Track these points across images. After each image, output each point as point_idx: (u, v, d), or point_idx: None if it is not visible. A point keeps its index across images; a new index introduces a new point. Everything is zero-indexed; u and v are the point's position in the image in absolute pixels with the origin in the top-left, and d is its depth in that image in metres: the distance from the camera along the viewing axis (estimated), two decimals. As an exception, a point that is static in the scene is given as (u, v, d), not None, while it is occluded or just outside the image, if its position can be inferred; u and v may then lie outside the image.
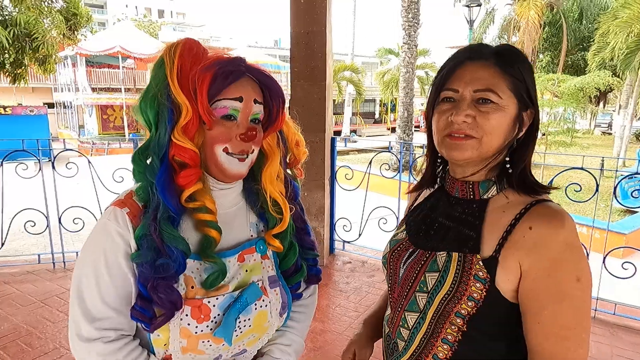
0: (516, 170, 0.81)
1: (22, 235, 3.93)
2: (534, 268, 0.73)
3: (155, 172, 0.78)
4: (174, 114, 0.78)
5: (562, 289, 0.72)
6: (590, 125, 26.62)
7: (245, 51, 21.88)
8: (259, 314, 0.86)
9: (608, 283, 3.04)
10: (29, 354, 2.49)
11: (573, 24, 21.06)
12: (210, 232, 0.82)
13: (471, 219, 0.82)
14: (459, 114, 0.77)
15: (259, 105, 0.85)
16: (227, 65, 0.79)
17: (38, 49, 7.87)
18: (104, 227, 0.79)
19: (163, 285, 0.75)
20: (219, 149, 0.81)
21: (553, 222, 0.73)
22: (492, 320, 0.78)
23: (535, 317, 0.74)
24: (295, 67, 3.66)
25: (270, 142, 0.91)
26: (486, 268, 0.75)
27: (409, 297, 0.84)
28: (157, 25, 37.94)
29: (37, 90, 23.29)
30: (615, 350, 2.66)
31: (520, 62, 0.79)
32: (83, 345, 0.78)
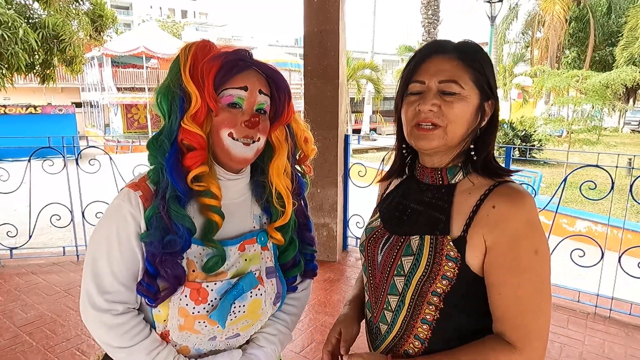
0: (480, 157, 0.87)
1: (50, 229, 4.11)
2: (496, 243, 0.79)
3: (165, 152, 0.84)
4: (184, 102, 0.84)
5: (522, 262, 0.78)
6: (619, 122, 25.75)
7: (266, 50, 22.06)
8: (254, 301, 0.91)
9: (624, 283, 2.99)
10: (52, 339, 2.62)
11: (601, 18, 20.38)
12: (213, 217, 0.87)
13: (440, 202, 0.88)
14: (425, 103, 0.83)
15: (264, 96, 0.90)
16: (233, 55, 0.86)
17: (65, 50, 8.12)
18: (118, 207, 0.85)
19: (170, 260, 0.82)
20: (224, 134, 0.86)
21: (514, 201, 0.79)
22: (466, 296, 0.83)
23: (497, 289, 0.80)
24: (309, 66, 3.71)
25: (279, 136, 0.96)
26: (456, 247, 0.81)
27: (389, 281, 0.89)
28: (180, 25, 38.58)
29: (65, 90, 24.04)
30: (629, 351, 2.62)
31: (480, 57, 0.86)
32: (94, 314, 0.84)
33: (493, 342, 0.80)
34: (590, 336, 2.78)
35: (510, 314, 0.79)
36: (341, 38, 3.64)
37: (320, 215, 3.93)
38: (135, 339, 0.85)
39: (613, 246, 3.28)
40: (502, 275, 0.79)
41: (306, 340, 2.69)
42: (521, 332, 0.78)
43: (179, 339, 0.89)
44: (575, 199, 8.08)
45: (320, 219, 3.94)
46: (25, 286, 3.36)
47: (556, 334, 2.80)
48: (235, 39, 38.84)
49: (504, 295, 0.79)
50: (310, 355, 2.53)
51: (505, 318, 0.79)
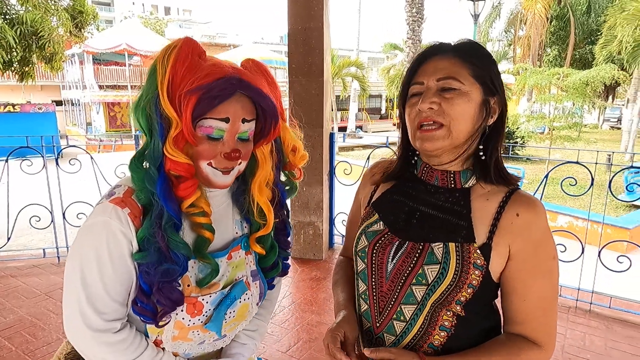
0: (491, 160, 0.85)
1: (30, 231, 4.02)
2: (521, 250, 0.81)
3: (155, 181, 0.78)
4: (164, 125, 0.78)
5: (544, 267, 0.82)
6: (599, 119, 26.33)
7: (250, 47, 21.89)
8: (243, 305, 0.93)
9: (604, 277, 3.05)
10: (32, 344, 2.56)
11: (581, 17, 20.77)
12: (205, 234, 0.85)
13: (458, 208, 0.85)
14: (424, 101, 0.82)
15: (248, 123, 0.84)
16: (214, 88, 0.77)
17: (45, 47, 7.95)
18: (105, 225, 0.79)
19: (167, 287, 0.80)
20: (203, 164, 0.83)
21: (535, 209, 0.82)
22: (484, 301, 0.86)
23: (521, 295, 0.82)
24: (293, 63, 3.69)
25: (264, 150, 0.92)
26: (483, 255, 0.81)
27: (403, 290, 0.85)
28: (164, 22, 38.06)
29: (45, 88, 23.51)
30: (609, 343, 2.68)
31: (479, 53, 0.85)
32: (93, 335, 0.80)
33: (518, 342, 0.83)
34: (571, 329, 2.84)
35: (534, 316, 0.83)
36: (326, 36, 3.63)
37: (306, 214, 3.93)
38: (138, 350, 0.84)
39: (593, 241, 3.35)
40: (527, 281, 0.82)
41: (292, 339, 2.68)
42: (544, 331, 0.83)
43: (171, 348, 0.89)
44: (557, 194, 8.24)
45: (306, 217, 3.93)
46: (3, 289, 3.27)
47: (539, 328, 2.85)
48: (220, 36, 38.49)
49: (529, 300, 0.82)
50: (297, 355, 2.52)
51: (529, 320, 0.83)
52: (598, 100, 14.35)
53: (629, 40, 11.46)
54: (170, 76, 0.76)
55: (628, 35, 11.46)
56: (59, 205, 3.74)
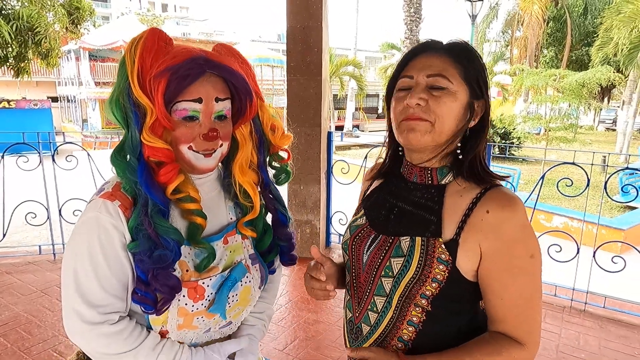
0: (467, 159, 0.86)
1: (25, 227, 4.00)
2: (492, 249, 0.79)
3: (135, 169, 0.79)
4: (139, 114, 0.79)
5: (519, 266, 0.80)
6: (594, 121, 26.47)
7: (248, 45, 21.86)
8: (245, 289, 0.94)
9: (599, 277, 3.08)
10: (28, 341, 2.56)
11: (577, 19, 20.87)
12: (196, 220, 0.86)
13: (430, 203, 0.87)
14: (413, 96, 0.82)
15: (223, 102, 0.84)
16: (182, 68, 0.77)
17: (41, 43, 7.92)
18: (96, 219, 0.80)
19: (162, 273, 0.80)
20: (184, 148, 0.83)
21: (508, 206, 0.80)
22: (453, 298, 0.84)
23: (498, 294, 0.81)
24: (291, 62, 3.69)
25: (244, 131, 0.92)
26: (448, 250, 0.81)
27: (375, 282, 0.88)
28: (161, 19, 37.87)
29: (41, 84, 23.38)
30: (603, 343, 2.71)
31: (470, 55, 0.85)
32: (89, 328, 0.80)
33: (500, 340, 0.83)
34: (566, 329, 2.86)
35: (513, 315, 0.82)
36: (324, 34, 3.63)
37: (303, 212, 3.93)
38: (138, 339, 0.84)
39: (588, 241, 3.37)
40: (502, 280, 0.81)
41: (289, 337, 2.69)
42: (524, 330, 0.82)
43: (177, 337, 0.89)
44: (553, 195, 8.28)
45: (303, 216, 3.94)
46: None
47: (534, 327, 2.87)
48: (217, 33, 38.38)
49: (506, 299, 0.81)
50: (294, 353, 2.53)
51: (508, 319, 0.82)
52: (594, 102, 14.43)
53: (625, 42, 11.53)
54: (139, 65, 0.77)
55: (624, 38, 11.53)
56: (55, 201, 3.73)
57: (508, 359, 0.81)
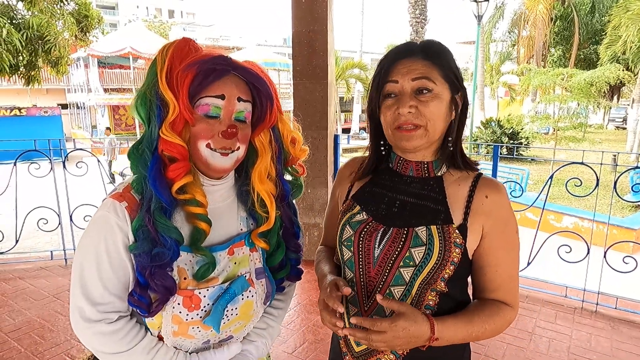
0: (456, 150, 0.94)
1: (37, 233, 4.05)
2: (492, 228, 0.91)
3: (147, 163, 0.82)
4: (162, 110, 0.81)
5: (511, 240, 0.93)
6: (604, 120, 26.19)
7: (254, 50, 21.97)
8: (246, 303, 0.92)
9: (610, 277, 3.04)
10: (41, 345, 2.59)
11: (585, 17, 20.68)
12: (200, 225, 0.86)
13: (433, 194, 0.94)
14: (403, 106, 0.88)
15: (244, 103, 0.87)
16: (209, 63, 0.81)
17: (50, 51, 8.03)
18: (104, 219, 0.82)
19: (159, 272, 0.81)
20: (202, 145, 0.84)
21: (500, 191, 0.93)
22: (460, 277, 0.93)
23: (494, 267, 0.92)
24: (298, 66, 3.72)
25: (263, 140, 0.93)
26: (461, 234, 0.89)
27: (392, 273, 0.90)
28: (168, 25, 38.23)
29: (51, 91, 23.69)
30: (614, 344, 2.68)
31: (444, 53, 0.91)
32: (87, 325, 0.83)
33: (495, 304, 0.94)
34: (577, 330, 2.83)
35: (506, 284, 0.94)
36: (330, 38, 3.65)
37: (311, 215, 3.94)
38: (133, 341, 0.85)
39: (599, 241, 3.34)
40: (499, 255, 0.92)
41: (298, 341, 2.69)
42: (512, 295, 0.95)
43: (173, 344, 0.89)
44: (562, 195, 8.20)
45: (311, 219, 3.95)
46: (12, 291, 3.31)
47: (544, 329, 2.85)
48: (223, 38, 38.62)
49: (501, 271, 0.92)
50: (303, 356, 2.53)
51: (501, 288, 0.94)
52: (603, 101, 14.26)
53: (634, 40, 11.42)
54: (169, 64, 0.81)
55: (633, 35, 11.42)
56: (66, 207, 3.78)
57: (503, 317, 0.92)
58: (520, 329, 2.83)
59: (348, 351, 0.99)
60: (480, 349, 2.57)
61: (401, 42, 1.02)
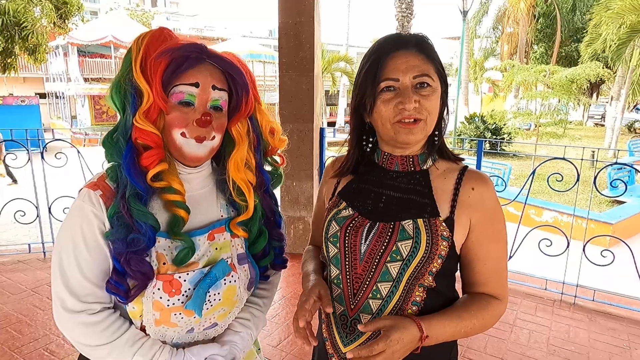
0: (439, 142, 0.95)
1: (15, 226, 3.95)
2: (479, 220, 0.90)
3: (121, 151, 0.82)
4: (137, 99, 0.81)
5: (499, 233, 0.92)
6: (583, 116, 26.75)
7: (239, 41, 21.70)
8: (228, 288, 0.91)
9: (589, 270, 3.12)
10: (19, 340, 2.53)
11: (567, 15, 21.04)
12: (178, 212, 0.86)
13: (419, 188, 0.93)
14: (409, 102, 0.86)
15: (219, 91, 0.86)
16: (182, 50, 0.81)
17: (27, 38, 7.80)
18: (79, 208, 0.83)
19: (135, 258, 0.80)
20: (176, 133, 0.84)
21: (486, 183, 0.92)
22: (449, 272, 0.92)
23: (482, 260, 0.92)
24: (284, 58, 3.68)
25: (240, 129, 0.93)
26: (448, 227, 0.89)
27: (379, 268, 0.89)
28: (150, 14, 37.46)
29: (28, 80, 23.01)
30: (592, 335, 2.75)
31: (434, 47, 0.91)
32: (68, 316, 0.82)
33: (485, 297, 0.93)
34: (556, 322, 2.90)
35: (494, 277, 0.93)
36: (316, 30, 3.62)
37: (296, 209, 3.93)
38: (116, 333, 0.84)
39: (577, 235, 3.41)
40: (487, 247, 0.91)
41: (283, 334, 2.69)
42: (501, 288, 0.94)
43: (156, 334, 0.88)
44: (543, 190, 8.36)
45: (296, 212, 3.94)
46: (-12, 285, 3.22)
47: (525, 320, 2.91)
48: (207, 29, 38.05)
49: (489, 264, 0.92)
50: (288, 349, 2.53)
51: (490, 281, 0.93)
52: (583, 98, 14.58)
53: (613, 38, 11.62)
54: (144, 52, 0.81)
55: (612, 34, 11.62)
56: (45, 199, 3.68)
57: (492, 311, 0.92)
58: (502, 321, 2.88)
59: (335, 352, 0.97)
60: (462, 341, 2.61)
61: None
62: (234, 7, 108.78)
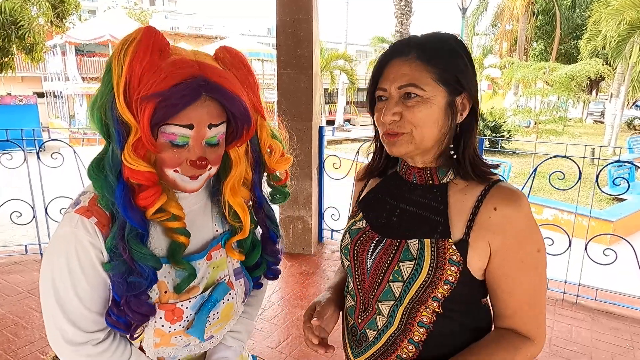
0: (462, 156, 0.83)
1: (11, 226, 3.91)
2: (502, 246, 0.79)
3: (113, 190, 0.73)
4: (122, 130, 0.71)
5: (528, 261, 0.80)
6: (583, 114, 26.72)
7: (237, 39, 21.63)
8: (227, 306, 0.89)
9: (591, 269, 3.09)
10: (14, 343, 2.50)
11: (566, 11, 21.00)
12: (178, 238, 0.81)
13: (435, 204, 0.84)
14: (386, 114, 0.81)
15: (216, 128, 0.76)
16: (174, 95, 0.69)
17: (24, 37, 7.75)
18: (73, 236, 0.75)
19: (134, 301, 0.76)
20: (169, 171, 0.77)
21: (514, 202, 0.79)
22: (464, 299, 0.83)
23: (507, 291, 0.81)
24: (282, 56, 3.64)
25: (239, 151, 0.85)
26: (459, 251, 0.79)
27: (382, 287, 0.85)
28: (149, 13, 37.33)
29: (26, 79, 22.92)
30: (595, 335, 2.72)
31: (445, 50, 0.81)
32: (72, 349, 0.78)
33: (511, 337, 0.82)
34: (558, 322, 2.87)
35: (522, 311, 0.81)
36: (314, 27, 3.58)
37: (295, 208, 3.90)
38: (121, 358, 0.82)
39: (579, 233, 3.38)
40: (512, 277, 0.80)
41: (282, 335, 2.66)
42: (533, 325, 0.82)
43: (155, 354, 0.86)
44: (542, 187, 8.33)
45: (295, 211, 3.90)
46: (-16, 287, 3.19)
47: (527, 320, 2.88)
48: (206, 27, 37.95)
49: (516, 296, 0.81)
50: (287, 351, 2.50)
51: (517, 315, 0.82)
52: (582, 95, 14.53)
53: (613, 35, 11.58)
54: (127, 76, 0.68)
55: (612, 30, 11.58)
56: (41, 200, 3.64)
57: (520, 353, 0.80)
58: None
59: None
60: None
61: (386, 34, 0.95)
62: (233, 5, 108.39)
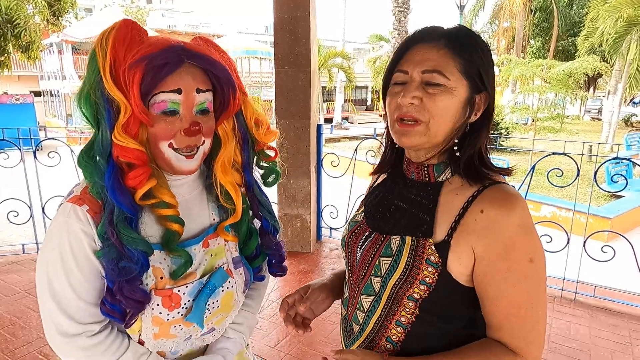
0: (464, 155, 0.80)
1: (8, 226, 3.89)
2: (487, 252, 0.74)
3: (103, 172, 0.74)
4: (112, 111, 0.73)
5: (517, 271, 0.73)
6: (580, 111, 26.77)
7: (235, 37, 21.57)
8: (226, 294, 0.89)
9: (589, 266, 3.09)
10: (12, 343, 2.48)
11: (563, 9, 21.03)
12: (172, 226, 0.81)
13: (425, 202, 0.82)
14: (406, 95, 0.76)
15: (204, 93, 0.79)
16: (159, 57, 0.72)
17: (20, 36, 7.71)
18: (65, 225, 0.76)
19: (127, 287, 0.76)
20: (163, 146, 0.78)
21: (504, 205, 0.73)
22: (445, 303, 0.79)
23: (493, 301, 0.76)
24: (279, 53, 3.62)
25: (226, 128, 0.86)
26: (438, 252, 0.76)
27: (364, 280, 0.85)
28: (145, 11, 37.19)
29: (23, 78, 22.82)
30: (593, 332, 2.73)
31: (473, 44, 0.78)
32: (66, 341, 0.78)
33: (495, 349, 0.77)
34: (557, 319, 2.88)
35: (510, 324, 0.76)
36: (312, 25, 3.57)
37: (294, 206, 3.89)
38: (117, 352, 0.81)
39: (577, 230, 3.39)
40: (497, 286, 0.75)
41: (281, 334, 2.66)
42: (522, 339, 0.76)
43: (155, 347, 0.85)
44: (540, 185, 8.34)
45: (293, 210, 3.89)
46: (-19, 287, 3.17)
47: (525, 317, 2.88)
48: (203, 25, 37.85)
49: (502, 307, 0.75)
50: (286, 349, 2.50)
51: (505, 328, 0.76)
52: (580, 92, 14.56)
53: (610, 32, 11.60)
54: (112, 57, 0.72)
55: (609, 27, 11.60)
56: (38, 199, 3.62)
57: None
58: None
59: None
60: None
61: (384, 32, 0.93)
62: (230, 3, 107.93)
